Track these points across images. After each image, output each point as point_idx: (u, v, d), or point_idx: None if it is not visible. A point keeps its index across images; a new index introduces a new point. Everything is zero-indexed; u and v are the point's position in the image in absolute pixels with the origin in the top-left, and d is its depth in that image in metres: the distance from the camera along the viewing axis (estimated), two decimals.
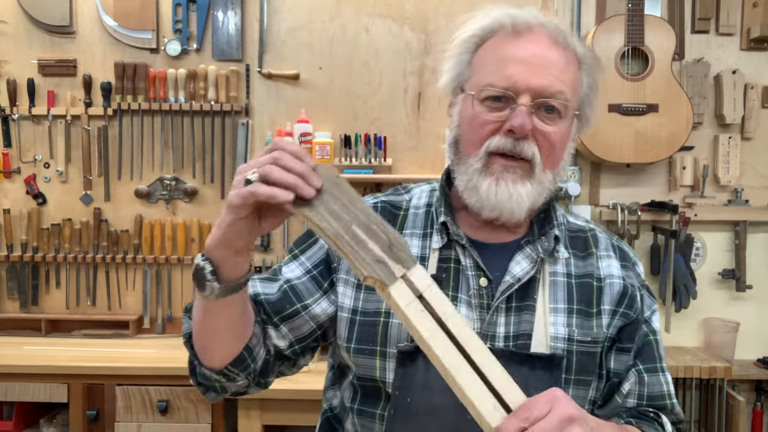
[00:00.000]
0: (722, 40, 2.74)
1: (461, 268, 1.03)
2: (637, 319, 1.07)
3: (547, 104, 0.98)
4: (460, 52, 1.06)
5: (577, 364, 1.01)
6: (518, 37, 1.00)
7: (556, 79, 0.98)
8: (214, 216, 2.78)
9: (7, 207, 2.78)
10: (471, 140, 1.01)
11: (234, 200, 0.81)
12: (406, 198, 1.13)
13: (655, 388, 1.07)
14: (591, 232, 1.12)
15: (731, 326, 2.70)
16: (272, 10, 2.74)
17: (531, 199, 1.00)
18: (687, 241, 2.72)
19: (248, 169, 0.81)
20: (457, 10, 2.74)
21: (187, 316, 1.03)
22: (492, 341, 1.00)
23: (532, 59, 0.98)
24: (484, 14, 1.05)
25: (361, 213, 0.82)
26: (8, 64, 2.76)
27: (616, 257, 1.10)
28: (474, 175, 1.00)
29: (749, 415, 2.68)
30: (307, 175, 0.81)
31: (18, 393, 2.32)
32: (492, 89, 0.98)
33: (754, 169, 2.77)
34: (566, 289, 1.04)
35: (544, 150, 0.99)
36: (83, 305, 2.81)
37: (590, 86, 1.05)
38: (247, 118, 2.77)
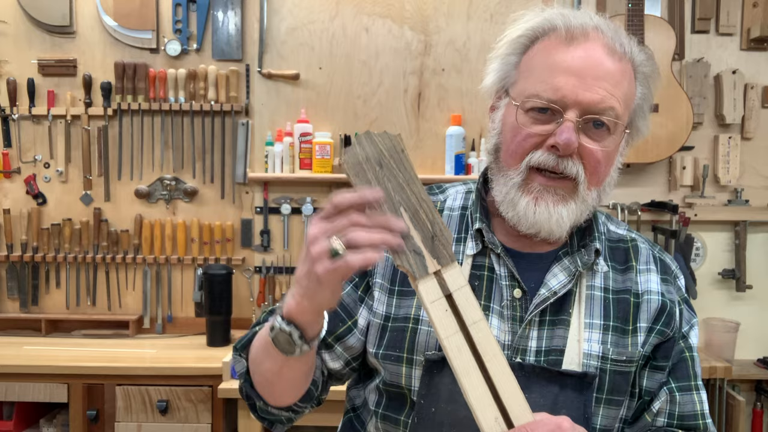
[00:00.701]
0: (722, 40, 2.74)
1: (495, 277, 0.99)
2: (673, 337, 1.02)
3: (596, 120, 0.91)
4: (507, 52, 0.98)
5: (609, 384, 0.97)
6: (571, 43, 0.92)
7: (607, 94, 0.91)
8: (214, 216, 2.78)
9: (7, 207, 2.78)
10: (512, 152, 0.95)
11: (328, 277, 0.77)
12: (440, 198, 1.08)
13: (687, 407, 1.02)
14: (633, 242, 1.06)
15: (731, 326, 2.70)
16: (272, 10, 2.74)
17: (573, 219, 0.95)
18: (687, 241, 2.72)
19: (321, 236, 0.77)
20: (457, 10, 2.74)
21: (238, 354, 1.03)
22: (523, 355, 0.95)
23: (583, 70, 0.91)
24: (536, 13, 0.98)
25: (414, 196, 0.79)
26: (8, 64, 2.75)
27: (657, 270, 1.05)
28: (512, 190, 0.95)
29: (749, 415, 2.68)
30: (389, 224, 0.77)
31: (18, 393, 2.32)
32: (538, 100, 0.92)
33: (754, 169, 2.77)
34: (603, 305, 0.99)
35: (589, 168, 0.93)
36: (83, 305, 2.81)
37: (644, 97, 0.99)
38: (247, 118, 2.77)
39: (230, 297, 2.62)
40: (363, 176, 0.79)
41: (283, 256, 2.78)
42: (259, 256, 2.79)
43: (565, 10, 0.96)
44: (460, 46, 2.75)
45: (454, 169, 2.68)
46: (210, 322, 2.59)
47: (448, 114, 2.74)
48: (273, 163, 2.72)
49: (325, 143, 2.68)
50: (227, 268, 2.63)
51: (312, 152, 2.69)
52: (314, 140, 2.69)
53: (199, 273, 2.70)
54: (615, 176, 1.00)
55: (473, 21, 2.75)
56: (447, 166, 2.71)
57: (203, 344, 2.60)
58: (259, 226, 2.78)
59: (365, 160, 0.79)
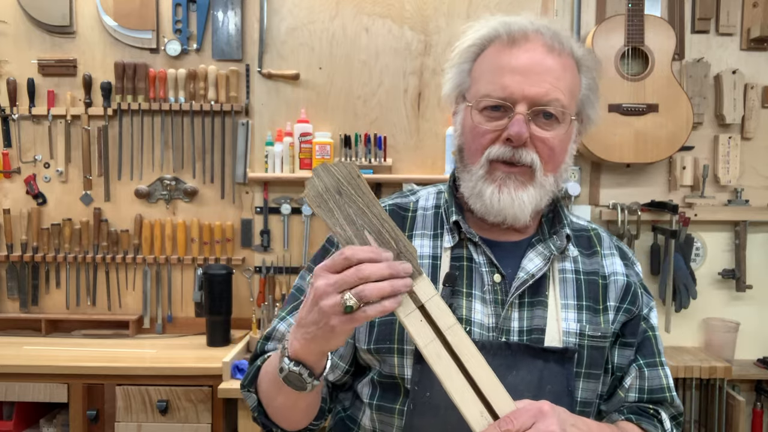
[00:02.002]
0: (722, 40, 2.74)
1: (474, 265, 1.06)
2: (638, 315, 1.11)
3: (543, 111, 1.00)
4: (460, 61, 1.09)
5: (587, 358, 1.05)
6: (513, 45, 1.02)
7: (551, 87, 1.00)
8: (214, 216, 2.78)
9: (7, 207, 2.78)
10: (473, 149, 1.04)
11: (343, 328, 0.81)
12: (413, 200, 1.16)
13: (655, 381, 1.11)
14: (594, 231, 1.17)
15: (731, 326, 2.70)
16: (272, 10, 2.74)
17: (534, 204, 1.03)
18: (687, 241, 2.72)
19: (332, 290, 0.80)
20: (457, 11, 2.74)
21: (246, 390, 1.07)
22: (507, 336, 1.02)
23: (527, 68, 1.00)
24: (482, 24, 1.08)
25: (375, 218, 0.83)
26: (8, 64, 2.75)
27: (618, 255, 1.15)
28: (478, 182, 1.03)
29: (749, 415, 2.68)
30: (396, 271, 0.80)
31: (18, 393, 2.32)
32: (489, 100, 1.01)
33: (754, 169, 2.77)
34: (575, 286, 1.08)
35: (543, 155, 1.02)
36: (83, 305, 2.81)
37: (590, 87, 1.08)
38: (247, 118, 2.77)
39: (230, 297, 2.62)
40: (325, 206, 0.84)
41: (283, 256, 2.78)
42: (259, 256, 2.79)
43: (508, 18, 1.07)
44: None
45: None
46: (210, 322, 2.59)
47: (448, 114, 2.74)
48: (273, 163, 2.72)
49: (325, 143, 2.68)
50: (227, 268, 2.63)
51: (312, 152, 2.69)
52: (314, 140, 2.69)
53: (199, 273, 2.70)
54: (570, 162, 1.09)
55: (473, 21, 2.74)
56: (447, 166, 2.71)
57: (203, 344, 2.60)
58: (259, 226, 2.78)
59: (325, 191, 0.84)
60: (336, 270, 0.81)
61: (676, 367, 2.49)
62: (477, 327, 1.02)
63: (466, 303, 1.03)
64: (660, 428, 1.09)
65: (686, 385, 2.63)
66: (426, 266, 1.07)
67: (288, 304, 1.14)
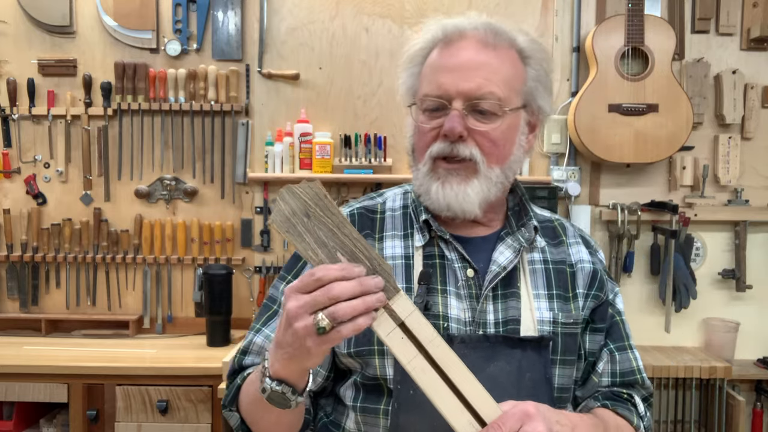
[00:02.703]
0: (722, 40, 2.74)
1: (447, 262, 1.08)
2: (606, 301, 1.15)
3: (479, 105, 1.02)
4: (411, 65, 1.11)
5: (562, 345, 1.07)
6: (450, 45, 1.06)
7: (484, 81, 1.02)
8: (214, 216, 2.78)
9: (7, 207, 2.78)
10: (419, 147, 1.08)
11: (319, 349, 0.81)
12: (380, 201, 1.17)
13: (626, 364, 1.15)
14: (558, 221, 1.21)
15: (731, 326, 2.70)
16: (272, 10, 2.74)
17: (480, 196, 1.05)
18: (687, 241, 2.72)
19: (303, 312, 0.79)
20: (457, 11, 2.74)
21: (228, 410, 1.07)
22: (484, 328, 1.04)
23: (460, 65, 1.03)
24: (428, 27, 1.11)
25: (347, 238, 0.82)
26: (8, 64, 2.75)
27: (583, 244, 1.18)
28: (424, 180, 1.06)
29: (749, 415, 2.68)
30: (367, 288, 0.79)
31: (18, 393, 2.32)
32: (428, 99, 1.05)
33: (754, 169, 2.77)
34: (545, 276, 1.11)
35: (484, 148, 1.03)
36: (83, 305, 2.81)
37: (538, 78, 1.08)
38: (247, 118, 2.77)
39: (230, 297, 2.62)
40: (294, 231, 0.81)
41: (283, 256, 2.78)
42: (259, 256, 2.79)
43: (446, 20, 1.09)
44: None
45: None
46: (210, 322, 2.59)
47: None
48: (273, 163, 2.72)
49: (325, 143, 2.68)
50: (227, 268, 2.63)
51: (312, 152, 2.69)
52: (314, 140, 2.69)
53: (199, 273, 2.70)
54: (521, 155, 1.10)
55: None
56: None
57: (203, 344, 2.60)
58: (259, 226, 2.78)
59: (292, 215, 0.81)
60: (307, 291, 0.79)
61: (676, 367, 2.49)
62: (454, 322, 1.04)
63: (441, 299, 1.05)
64: (634, 412, 1.12)
65: (686, 385, 2.63)
66: (399, 266, 1.08)
67: (262, 315, 1.12)
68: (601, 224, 2.77)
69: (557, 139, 2.73)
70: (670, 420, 2.67)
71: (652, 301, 2.79)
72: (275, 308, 1.11)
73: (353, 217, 1.14)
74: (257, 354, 1.09)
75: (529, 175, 2.73)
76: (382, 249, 1.10)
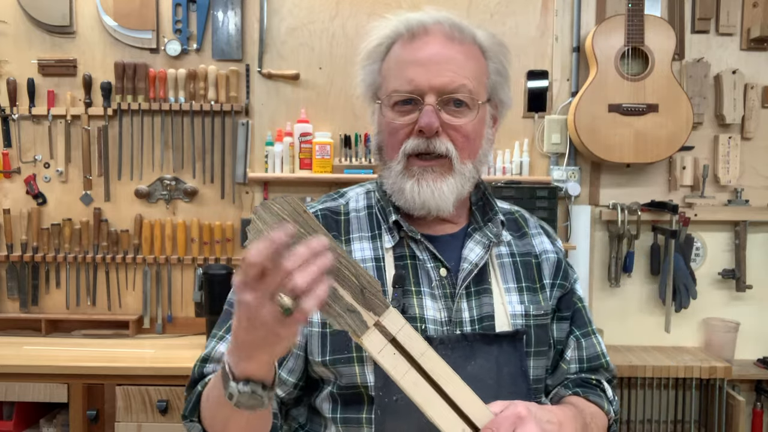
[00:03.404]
0: (722, 40, 2.74)
1: (419, 262, 1.06)
2: (571, 289, 1.16)
3: (453, 99, 1.01)
4: (369, 62, 1.09)
5: (535, 337, 1.08)
6: (414, 40, 1.04)
7: (455, 75, 1.01)
8: (214, 216, 2.78)
9: (7, 207, 2.78)
10: (390, 146, 1.05)
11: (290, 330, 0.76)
12: (342, 202, 1.15)
13: (591, 350, 1.16)
14: (518, 213, 1.21)
15: (731, 326, 2.70)
16: (272, 10, 2.74)
17: (455, 193, 1.04)
18: (687, 241, 2.72)
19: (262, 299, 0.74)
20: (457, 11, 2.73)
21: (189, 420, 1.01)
22: (461, 327, 1.04)
23: (429, 59, 1.01)
24: (385, 23, 1.09)
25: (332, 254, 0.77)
26: (8, 64, 2.75)
27: (544, 234, 1.19)
28: (398, 178, 1.04)
29: (749, 415, 2.68)
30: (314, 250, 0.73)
31: (18, 393, 2.32)
32: (398, 95, 1.03)
33: (754, 169, 2.77)
34: (513, 269, 1.11)
35: (458, 143, 1.03)
36: (83, 305, 2.81)
37: (498, 72, 1.08)
38: (247, 118, 2.77)
39: None
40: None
41: None
42: None
43: (408, 14, 1.07)
44: None
45: None
46: (210, 322, 2.59)
47: None
48: (273, 163, 2.72)
49: (325, 143, 2.68)
50: (227, 268, 2.63)
51: (312, 152, 2.69)
52: (314, 140, 2.69)
53: (199, 273, 2.70)
54: (489, 148, 1.10)
55: (473, 20, 2.73)
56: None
57: (203, 344, 2.60)
58: None
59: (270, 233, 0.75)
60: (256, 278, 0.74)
61: (676, 367, 2.49)
62: (431, 323, 1.02)
63: (416, 301, 1.03)
64: (604, 397, 1.13)
65: (686, 385, 2.63)
66: (370, 269, 1.05)
67: (223, 322, 1.07)
68: (601, 224, 2.77)
69: (557, 139, 2.73)
70: (670, 420, 2.67)
71: (652, 301, 2.79)
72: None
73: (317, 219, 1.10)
74: (218, 362, 1.04)
75: (529, 175, 2.73)
76: (350, 252, 1.07)
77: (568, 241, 2.71)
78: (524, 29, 2.76)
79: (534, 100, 2.75)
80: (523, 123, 2.77)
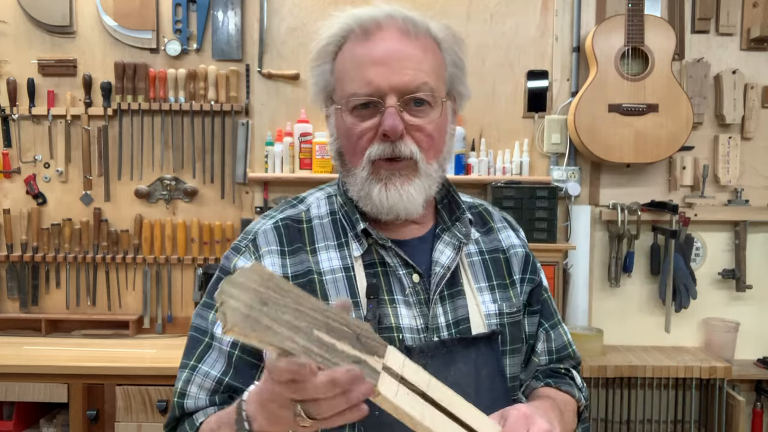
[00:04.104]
0: (722, 40, 2.74)
1: (389, 269, 1.02)
2: (540, 282, 1.15)
3: (414, 99, 0.97)
4: (320, 63, 1.05)
5: (510, 335, 1.06)
6: (368, 37, 0.98)
7: (415, 72, 0.96)
8: (214, 216, 2.78)
9: (7, 207, 2.78)
10: (353, 151, 1.01)
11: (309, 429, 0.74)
12: (303, 209, 1.09)
13: (559, 340, 1.16)
14: (482, 207, 1.17)
15: (731, 326, 2.70)
16: (272, 10, 2.74)
17: (423, 195, 1.01)
18: (687, 241, 2.72)
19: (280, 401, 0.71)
20: (457, 11, 2.74)
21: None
22: (438, 333, 1.00)
23: (387, 58, 0.96)
24: (333, 20, 1.04)
25: (315, 312, 0.71)
26: (8, 64, 2.75)
27: (509, 227, 1.17)
28: (364, 184, 1.00)
29: (749, 415, 2.68)
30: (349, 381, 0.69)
31: (18, 393, 2.32)
32: (357, 98, 0.97)
33: (754, 169, 2.77)
34: (483, 267, 1.09)
35: (422, 144, 0.99)
36: (83, 305, 2.81)
37: (455, 64, 1.05)
38: (247, 118, 2.77)
39: None
40: (259, 326, 0.66)
41: None
42: None
43: (357, 10, 1.01)
44: None
45: (454, 169, 2.69)
46: None
47: None
48: (273, 163, 2.72)
49: (325, 143, 2.68)
50: None
51: (312, 152, 2.69)
52: (314, 140, 2.69)
53: (199, 273, 2.70)
54: (451, 144, 1.06)
55: (473, 21, 2.75)
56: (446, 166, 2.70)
57: None
58: None
59: (249, 309, 0.67)
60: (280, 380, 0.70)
61: (676, 367, 2.49)
62: (408, 332, 0.99)
63: (391, 310, 0.99)
64: (574, 385, 1.13)
65: (686, 385, 2.63)
66: (340, 279, 1.01)
67: (192, 349, 1.03)
68: (601, 224, 2.77)
69: (557, 139, 2.73)
70: (670, 420, 2.67)
71: (652, 301, 2.79)
72: (207, 340, 1.02)
73: (279, 230, 1.05)
74: (195, 398, 1.01)
75: (529, 175, 2.73)
76: (317, 262, 1.02)
77: (568, 241, 2.71)
78: (524, 29, 2.76)
79: (534, 100, 2.75)
80: (523, 123, 2.77)
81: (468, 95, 1.08)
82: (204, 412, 0.99)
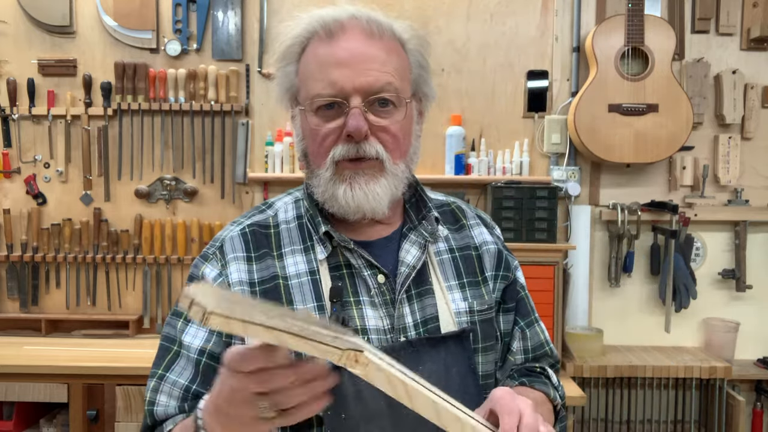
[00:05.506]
0: (722, 40, 2.74)
1: (354, 271, 1.02)
2: (514, 279, 1.14)
3: (379, 99, 0.97)
4: (284, 64, 1.05)
5: (482, 333, 1.05)
6: (332, 38, 0.98)
7: (380, 73, 0.96)
8: (214, 216, 2.78)
9: (7, 207, 2.78)
10: (317, 153, 1.00)
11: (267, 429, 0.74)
12: (270, 214, 1.09)
13: (535, 339, 1.15)
14: (454, 204, 1.17)
15: (731, 326, 2.70)
16: (272, 10, 2.74)
17: (389, 194, 1.00)
18: (687, 241, 2.72)
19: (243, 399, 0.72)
20: (457, 11, 2.74)
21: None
22: (405, 333, 1.00)
23: (351, 59, 0.96)
24: (297, 22, 1.04)
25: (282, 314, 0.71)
26: (8, 64, 2.76)
27: (482, 224, 1.16)
28: (329, 185, 0.99)
29: (749, 415, 2.68)
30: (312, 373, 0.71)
31: (18, 393, 2.32)
32: (321, 99, 0.97)
33: (754, 169, 2.77)
34: (453, 265, 1.08)
35: (388, 145, 0.99)
36: (83, 305, 2.81)
37: (420, 65, 1.05)
38: (247, 118, 2.77)
39: None
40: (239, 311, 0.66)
41: None
42: None
43: (321, 10, 1.01)
44: (460, 47, 2.75)
45: (454, 169, 2.69)
46: None
47: (447, 114, 2.74)
48: (273, 163, 2.72)
49: None
50: None
51: None
52: None
53: None
54: (418, 145, 1.06)
55: (473, 21, 2.75)
56: (447, 167, 2.71)
57: None
58: None
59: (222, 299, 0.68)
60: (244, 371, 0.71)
61: (676, 367, 2.49)
62: (374, 333, 0.98)
63: (357, 312, 0.99)
64: (550, 384, 1.12)
65: (686, 385, 2.63)
66: (306, 283, 1.00)
67: (162, 358, 1.02)
68: (601, 224, 2.77)
69: (557, 139, 2.73)
70: (670, 420, 2.67)
71: (652, 301, 2.79)
72: (176, 349, 1.01)
73: (246, 236, 1.05)
74: (165, 405, 0.99)
75: (529, 175, 2.73)
76: (284, 267, 1.02)
77: (568, 241, 2.71)
78: (524, 29, 2.76)
79: (534, 100, 2.75)
80: (523, 123, 2.77)
81: (434, 96, 1.08)
82: (173, 420, 0.98)
